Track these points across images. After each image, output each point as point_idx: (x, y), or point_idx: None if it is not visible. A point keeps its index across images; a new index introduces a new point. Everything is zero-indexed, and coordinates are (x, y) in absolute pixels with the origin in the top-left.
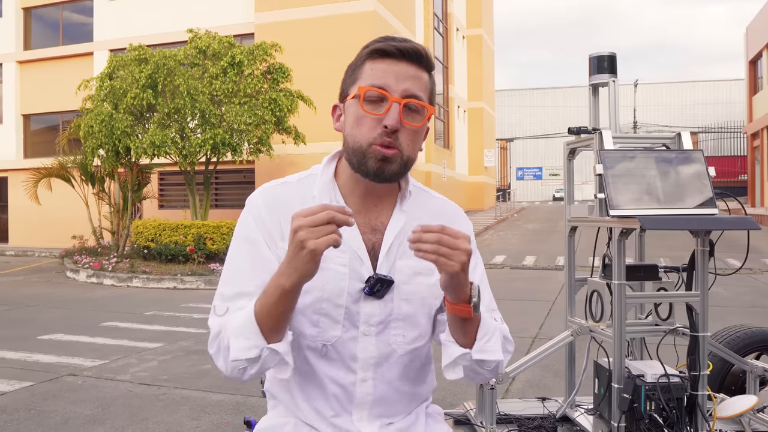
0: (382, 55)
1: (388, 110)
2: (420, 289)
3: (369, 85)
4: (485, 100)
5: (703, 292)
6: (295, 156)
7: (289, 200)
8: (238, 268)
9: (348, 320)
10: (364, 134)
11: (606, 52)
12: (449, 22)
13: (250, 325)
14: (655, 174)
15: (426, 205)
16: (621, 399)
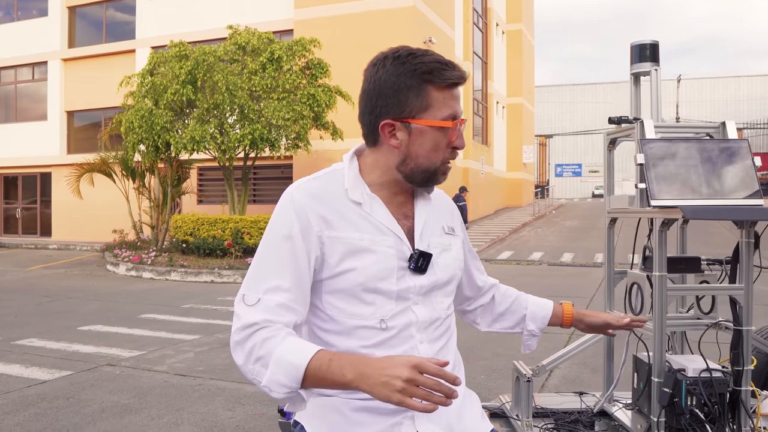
0: (453, 86)
1: (459, 135)
2: (449, 261)
3: (451, 117)
4: (524, 95)
5: (747, 285)
6: (333, 152)
7: (327, 193)
8: (275, 263)
9: (399, 295)
10: (441, 157)
11: (648, 40)
12: (489, 17)
13: (296, 372)
14: (698, 164)
15: (434, 193)
16: (661, 393)
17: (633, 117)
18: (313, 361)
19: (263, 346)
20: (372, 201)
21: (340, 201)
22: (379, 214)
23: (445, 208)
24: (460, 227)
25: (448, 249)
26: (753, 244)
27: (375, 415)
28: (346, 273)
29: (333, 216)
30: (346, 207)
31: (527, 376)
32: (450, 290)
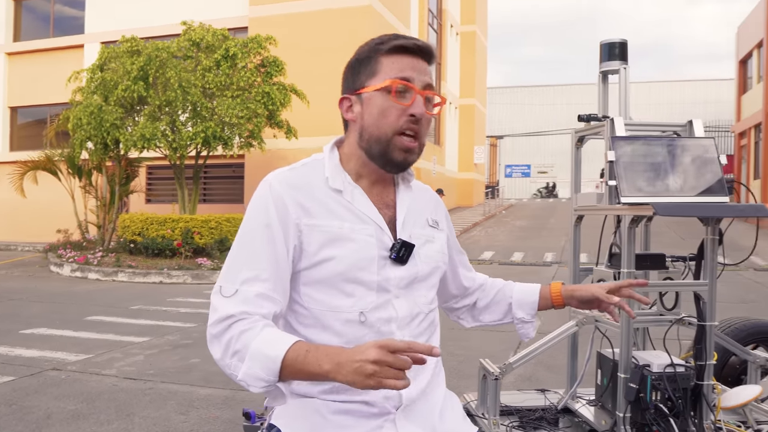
0: (402, 51)
1: (414, 101)
2: (432, 253)
3: (397, 78)
4: (477, 96)
5: (711, 281)
6: (287, 150)
7: (306, 181)
8: (252, 253)
9: (380, 286)
10: (391, 124)
11: (617, 39)
12: (443, 18)
13: (273, 365)
14: (666, 161)
15: (415, 183)
16: (628, 389)
17: (602, 115)
18: (290, 353)
19: (240, 339)
20: (353, 189)
21: (320, 189)
22: (360, 202)
23: (430, 201)
24: (445, 222)
25: (431, 241)
26: (717, 240)
27: (356, 418)
28: (326, 262)
29: (312, 204)
30: (326, 195)
31: (495, 375)
32: (432, 283)
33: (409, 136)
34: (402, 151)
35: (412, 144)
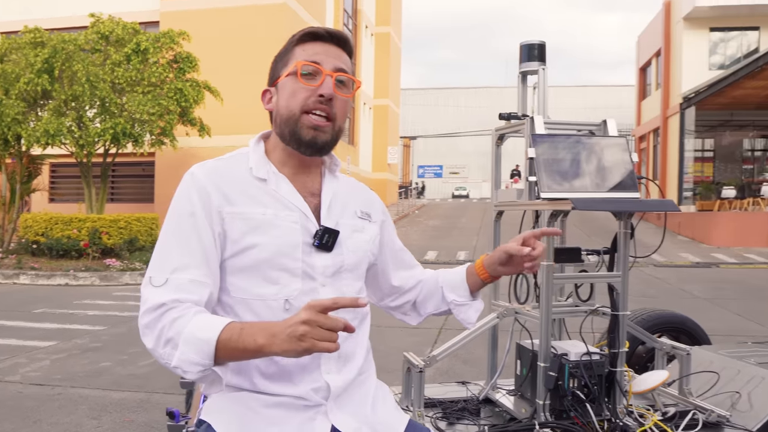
0: (313, 38)
1: (323, 81)
2: (360, 244)
3: (304, 60)
4: (391, 97)
5: (624, 273)
6: (200, 149)
7: (230, 171)
8: (179, 242)
9: (305, 273)
10: (299, 102)
11: (536, 40)
12: (358, 18)
13: (207, 347)
14: (583, 158)
15: (346, 180)
16: (547, 377)
17: (522, 114)
18: (224, 334)
19: (172, 326)
20: (277, 178)
21: (244, 179)
22: (285, 190)
23: (362, 195)
24: (380, 215)
25: (359, 231)
26: (630, 234)
27: (287, 410)
28: (249, 249)
29: (234, 192)
30: (250, 184)
31: (419, 367)
32: (360, 273)
33: (319, 115)
34: (310, 128)
35: (320, 122)
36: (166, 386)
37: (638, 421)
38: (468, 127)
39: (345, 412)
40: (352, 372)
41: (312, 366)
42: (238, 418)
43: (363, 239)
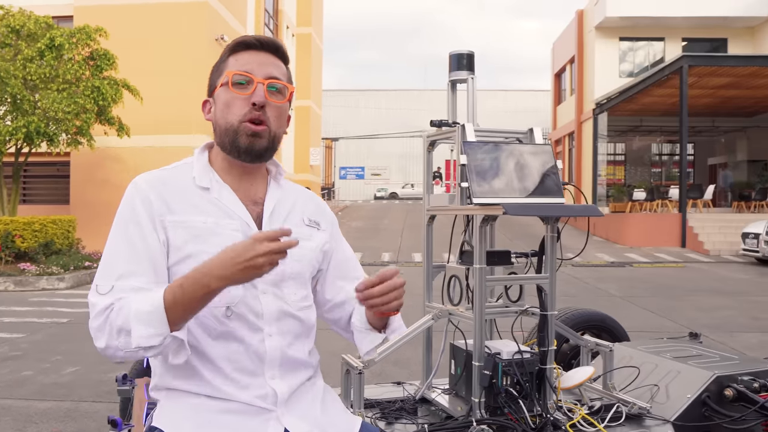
0: (245, 48)
1: (255, 90)
2: (305, 252)
3: (235, 70)
4: (313, 98)
5: (552, 275)
6: (118, 149)
7: (173, 181)
8: (125, 249)
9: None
10: (235, 113)
11: (465, 50)
12: (280, 18)
13: (158, 314)
14: (512, 165)
15: (294, 189)
16: (482, 376)
17: (452, 121)
18: (167, 296)
19: (118, 317)
20: (220, 187)
21: (187, 188)
22: (227, 199)
23: (310, 203)
24: (329, 225)
25: (305, 239)
26: (556, 237)
27: (240, 416)
28: (191, 257)
29: (176, 201)
30: (193, 193)
31: (359, 369)
32: (303, 281)
33: (255, 124)
34: (247, 136)
35: (256, 128)
36: (93, 394)
37: (567, 416)
38: (389, 128)
39: (296, 416)
40: (298, 378)
41: (257, 372)
42: (193, 424)
43: (308, 247)
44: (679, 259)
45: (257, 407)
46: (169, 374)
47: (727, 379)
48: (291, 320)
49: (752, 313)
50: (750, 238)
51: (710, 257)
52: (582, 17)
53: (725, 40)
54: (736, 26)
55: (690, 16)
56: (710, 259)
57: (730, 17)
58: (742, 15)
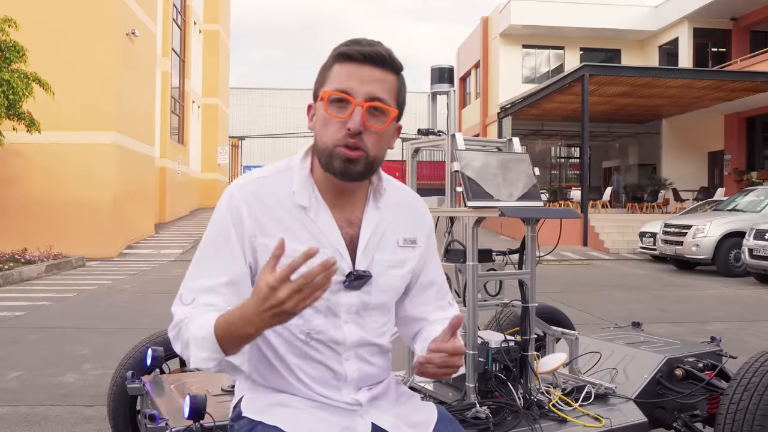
0: (347, 59)
1: (351, 114)
2: (393, 281)
3: (333, 89)
4: (220, 96)
5: (532, 270)
6: (28, 145)
7: (269, 196)
8: (211, 265)
9: (330, 310)
10: (330, 136)
11: (446, 65)
12: (187, 14)
13: (210, 341)
14: (498, 172)
15: (395, 198)
16: (477, 363)
17: (437, 130)
18: (217, 326)
19: (185, 333)
20: (318, 206)
21: (283, 205)
22: (323, 221)
23: (408, 213)
24: (425, 238)
25: (396, 266)
26: (536, 237)
27: (330, 411)
28: None
29: (269, 221)
30: (288, 212)
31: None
32: (386, 309)
33: (350, 149)
34: (342, 161)
35: (351, 153)
36: (48, 398)
37: (547, 397)
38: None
39: (378, 411)
40: (374, 385)
41: (339, 387)
42: (290, 415)
43: (398, 275)
44: (584, 257)
45: (347, 407)
46: (255, 372)
47: (676, 360)
48: (370, 346)
49: (657, 305)
50: (647, 237)
51: (611, 255)
52: (487, 24)
53: (619, 50)
54: (628, 38)
55: (587, 27)
56: (611, 257)
57: (623, 30)
58: (634, 28)
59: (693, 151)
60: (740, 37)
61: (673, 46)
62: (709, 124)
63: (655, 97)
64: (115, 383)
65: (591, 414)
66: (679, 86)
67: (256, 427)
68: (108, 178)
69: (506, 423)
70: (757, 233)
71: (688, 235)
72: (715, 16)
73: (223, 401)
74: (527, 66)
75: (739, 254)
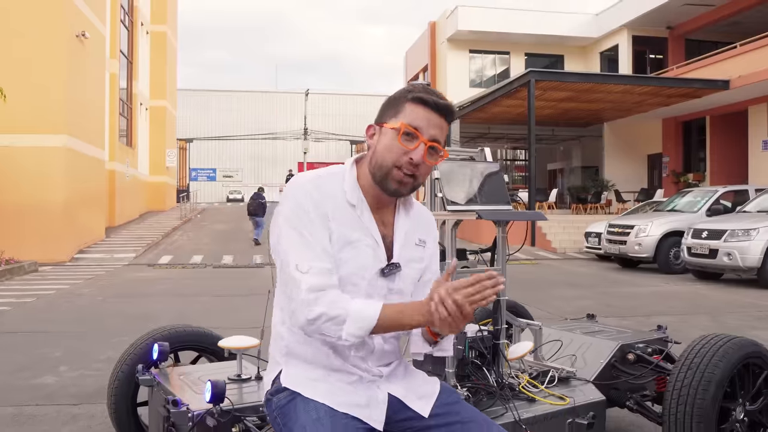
0: (423, 103)
1: (417, 147)
2: (413, 272)
3: (408, 123)
4: (168, 98)
5: (503, 267)
6: None
7: (328, 189)
8: (309, 240)
9: (367, 291)
10: (392, 158)
11: (424, 81)
12: (135, 15)
13: (370, 321)
14: (473, 179)
15: (414, 209)
16: (457, 350)
17: None
18: (383, 312)
19: (334, 308)
20: (363, 207)
21: (340, 200)
22: (366, 218)
23: (422, 221)
24: (432, 241)
25: (416, 261)
26: (506, 237)
27: (356, 384)
28: (341, 264)
29: (333, 210)
30: (344, 206)
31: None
32: (406, 294)
33: (406, 174)
34: (396, 182)
35: (406, 179)
36: (31, 398)
37: (516, 380)
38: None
39: (392, 383)
40: (390, 360)
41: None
42: (324, 389)
43: (417, 268)
44: (532, 257)
45: (369, 377)
46: (301, 348)
47: (628, 347)
48: None
49: (605, 301)
50: (592, 237)
51: (558, 255)
52: (434, 29)
53: (562, 56)
54: (571, 45)
55: (532, 33)
56: (558, 256)
57: (567, 36)
58: (576, 35)
59: (633, 154)
60: (676, 44)
61: (613, 52)
62: (648, 128)
63: (597, 101)
64: (116, 378)
65: (556, 394)
66: (620, 92)
67: (295, 399)
68: (59, 182)
69: (483, 403)
70: (694, 232)
71: (630, 235)
72: (652, 25)
73: (232, 389)
74: (473, 70)
75: (678, 252)
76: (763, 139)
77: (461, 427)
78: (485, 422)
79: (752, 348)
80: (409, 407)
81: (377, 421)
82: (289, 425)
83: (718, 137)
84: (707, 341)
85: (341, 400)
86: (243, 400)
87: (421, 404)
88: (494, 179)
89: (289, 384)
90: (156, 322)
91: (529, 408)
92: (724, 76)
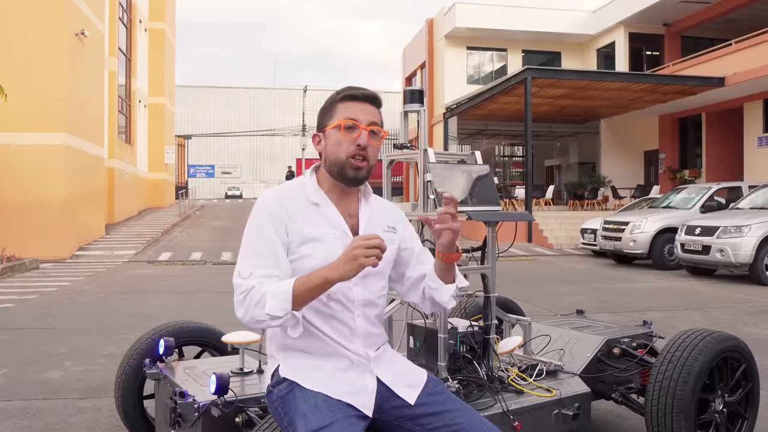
0: (353, 98)
1: (360, 134)
2: (386, 254)
3: (346, 117)
4: (166, 95)
5: (492, 265)
6: None
7: (292, 197)
8: (258, 247)
9: None
10: (343, 151)
11: (417, 87)
12: (133, 13)
13: (286, 294)
14: (463, 181)
15: (376, 201)
16: (448, 345)
17: (410, 144)
18: (296, 284)
19: (257, 294)
20: (327, 204)
21: (302, 203)
22: (332, 213)
23: (389, 211)
24: (402, 227)
25: (388, 243)
26: (495, 237)
27: (348, 371)
28: (304, 258)
29: (295, 214)
30: (307, 208)
31: None
32: (383, 275)
33: (358, 160)
34: (353, 169)
35: (360, 164)
36: (38, 393)
37: (506, 373)
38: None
39: (381, 369)
40: (376, 344)
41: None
42: (319, 377)
43: (389, 250)
44: (528, 253)
45: (359, 359)
46: (289, 338)
47: (614, 341)
48: (372, 306)
49: (599, 297)
50: (588, 233)
51: (554, 251)
52: (432, 26)
53: (559, 53)
54: (567, 41)
55: (529, 30)
56: (554, 252)
57: (563, 33)
58: (573, 32)
59: (630, 150)
60: (672, 41)
61: (610, 49)
62: (645, 125)
63: (593, 98)
64: (123, 372)
65: (543, 386)
66: (616, 89)
67: (294, 389)
68: (59, 179)
69: (473, 395)
70: (688, 229)
71: (626, 231)
72: (649, 22)
73: (235, 381)
74: (471, 66)
75: (672, 249)
76: (758, 136)
77: (447, 415)
78: (469, 411)
79: (730, 342)
80: (398, 395)
81: (367, 407)
82: (290, 414)
83: (713, 134)
84: (688, 336)
85: (336, 388)
86: (245, 392)
87: (408, 392)
88: (484, 181)
89: (287, 374)
90: (157, 319)
91: (517, 399)
92: (720, 73)
